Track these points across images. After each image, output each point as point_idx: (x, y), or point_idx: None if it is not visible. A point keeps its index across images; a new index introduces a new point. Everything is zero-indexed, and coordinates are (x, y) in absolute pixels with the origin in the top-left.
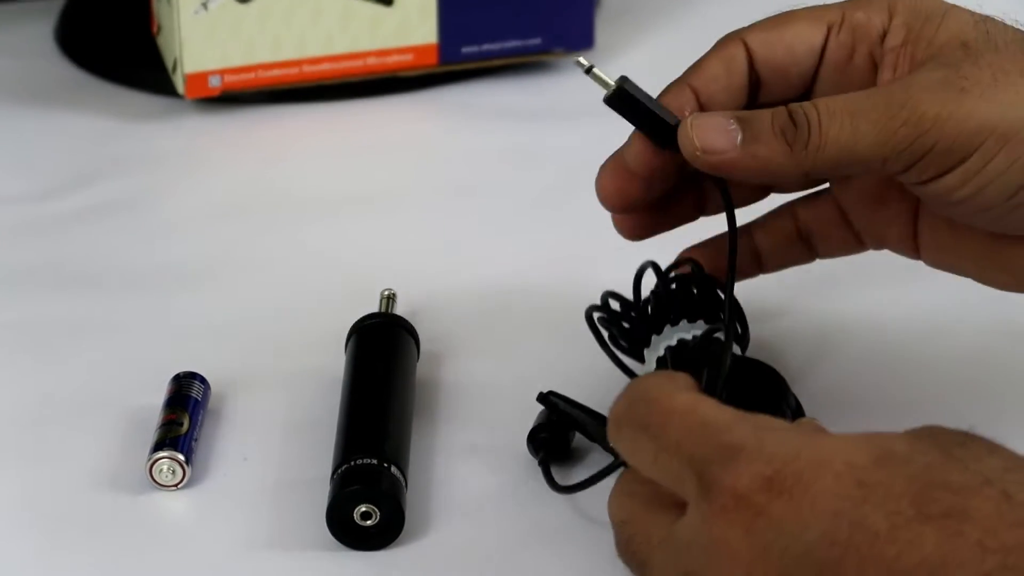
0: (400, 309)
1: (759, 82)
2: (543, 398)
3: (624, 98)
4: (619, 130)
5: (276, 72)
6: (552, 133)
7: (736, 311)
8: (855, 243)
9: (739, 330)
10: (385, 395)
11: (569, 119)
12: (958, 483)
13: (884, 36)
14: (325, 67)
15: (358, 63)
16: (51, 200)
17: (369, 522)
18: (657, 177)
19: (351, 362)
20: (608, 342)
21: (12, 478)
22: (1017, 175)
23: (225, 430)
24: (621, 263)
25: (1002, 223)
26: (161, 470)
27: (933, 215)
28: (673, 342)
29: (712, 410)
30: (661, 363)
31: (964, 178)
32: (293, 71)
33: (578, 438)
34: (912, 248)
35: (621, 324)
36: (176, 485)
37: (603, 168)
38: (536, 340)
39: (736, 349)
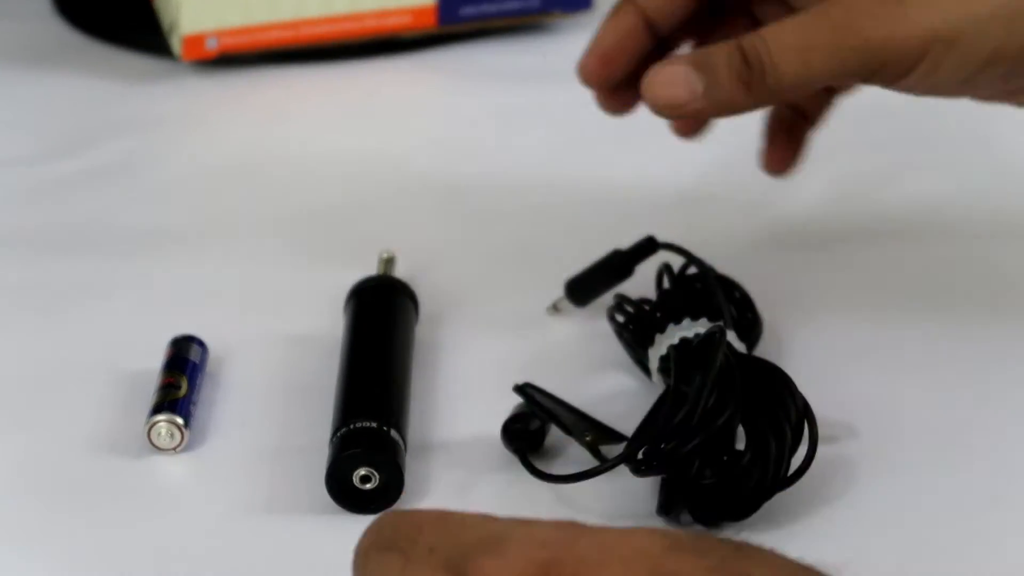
0: (399, 271)
1: None
2: (520, 389)
3: None
4: None
5: (274, 34)
6: (551, 94)
7: (747, 306)
8: None
9: (749, 326)
10: (385, 358)
11: (568, 80)
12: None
13: None
14: (323, 28)
15: (356, 24)
16: (48, 163)
17: (369, 485)
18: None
19: (350, 325)
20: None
21: (10, 442)
22: (965, 70)
23: (223, 393)
24: (621, 225)
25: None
26: (160, 433)
27: None
28: (676, 340)
29: (468, 514)
30: (664, 361)
31: (916, 81)
32: (291, 32)
33: (553, 434)
34: None
35: (628, 326)
36: (175, 448)
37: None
38: (536, 302)
39: (743, 347)
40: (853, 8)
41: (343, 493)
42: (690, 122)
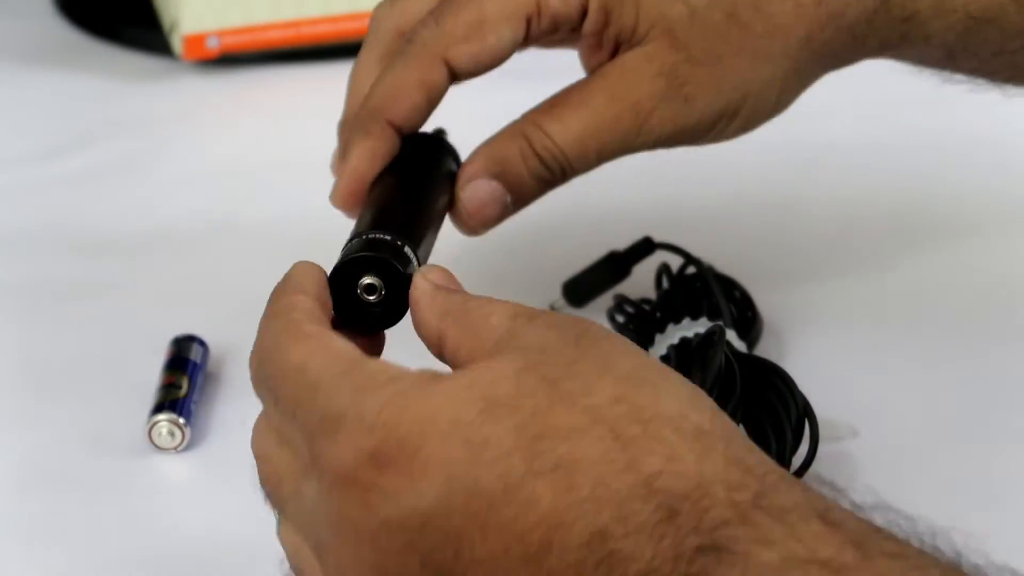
0: None
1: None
2: None
3: None
4: None
5: (274, 33)
6: (549, 92)
7: (747, 305)
8: None
9: (749, 325)
10: (416, 192)
11: (566, 79)
12: (567, 427)
13: (583, 19)
14: (323, 28)
15: (356, 24)
16: (49, 162)
17: (373, 298)
18: None
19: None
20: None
21: (12, 441)
22: (748, 128)
23: (224, 392)
24: (619, 225)
25: None
26: (160, 433)
27: None
28: (676, 340)
29: (322, 365)
30: (665, 361)
31: (700, 144)
32: (291, 32)
33: None
34: None
35: (628, 326)
36: (175, 448)
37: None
38: (534, 302)
39: (743, 346)
40: (640, 111)
41: (345, 304)
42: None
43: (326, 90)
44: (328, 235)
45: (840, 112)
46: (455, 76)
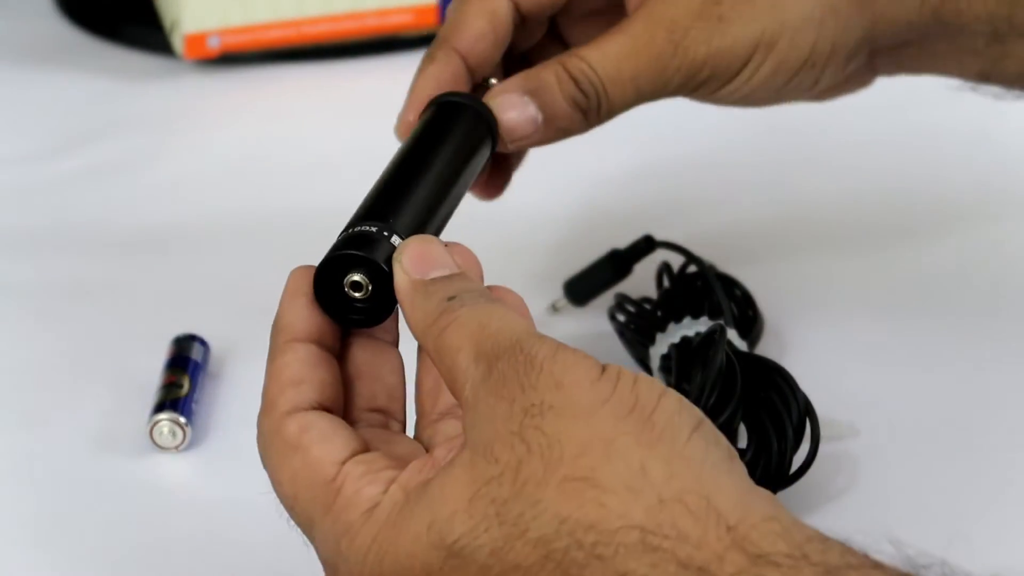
0: None
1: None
2: None
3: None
4: None
5: (275, 33)
6: None
7: (747, 304)
8: None
9: (750, 324)
10: (424, 168)
11: None
12: (522, 565)
13: None
14: (324, 27)
15: (357, 23)
16: (50, 161)
17: (359, 294)
18: None
19: (411, 134)
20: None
21: (13, 441)
22: (783, 74)
23: (225, 392)
24: (620, 224)
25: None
26: (162, 432)
27: None
28: (677, 339)
29: (308, 499)
30: (666, 360)
31: (737, 87)
32: (292, 32)
33: None
34: None
35: (629, 325)
36: (177, 447)
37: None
38: (535, 302)
39: (744, 345)
40: (675, 29)
41: (332, 302)
42: (492, 186)
43: (327, 89)
44: (329, 234)
45: (841, 110)
46: (520, 12)
